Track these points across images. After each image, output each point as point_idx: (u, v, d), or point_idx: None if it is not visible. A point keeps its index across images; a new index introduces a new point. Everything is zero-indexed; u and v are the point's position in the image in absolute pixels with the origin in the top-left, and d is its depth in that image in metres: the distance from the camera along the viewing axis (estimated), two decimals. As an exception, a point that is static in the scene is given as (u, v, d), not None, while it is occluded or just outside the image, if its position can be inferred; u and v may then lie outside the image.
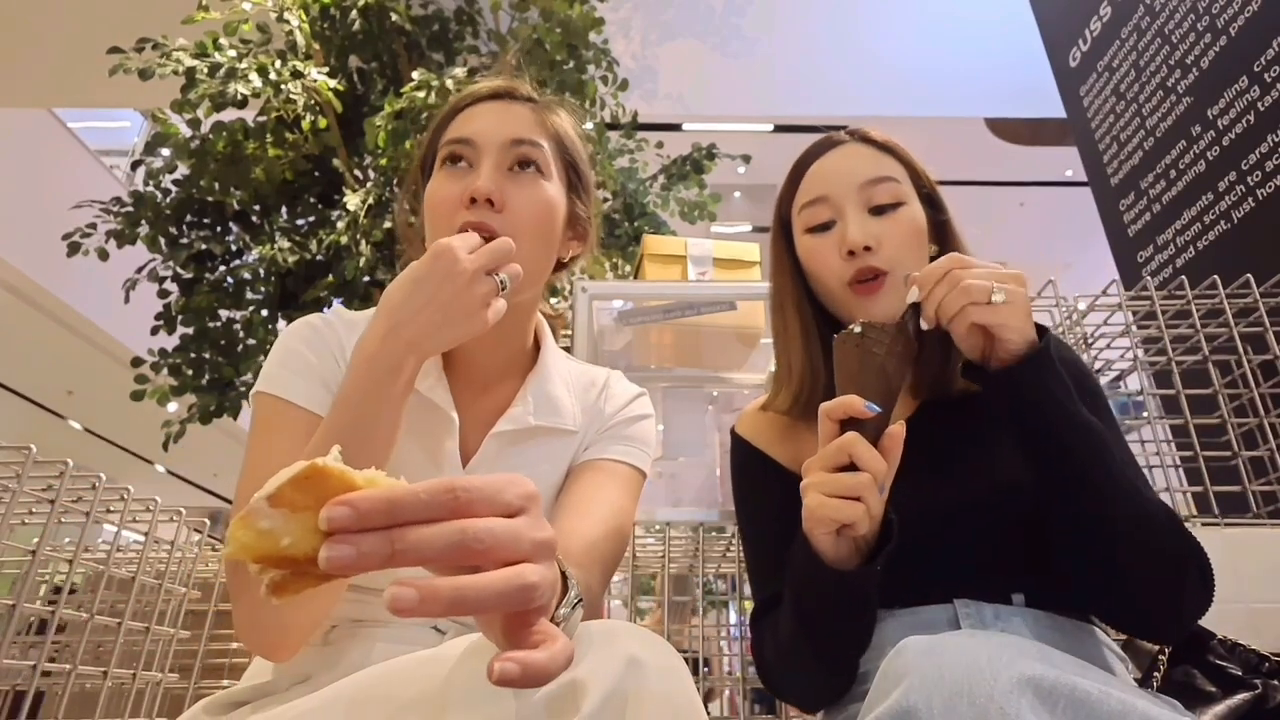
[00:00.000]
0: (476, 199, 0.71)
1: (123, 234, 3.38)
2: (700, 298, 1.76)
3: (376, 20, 3.51)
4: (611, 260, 4.26)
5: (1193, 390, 1.38)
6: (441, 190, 0.74)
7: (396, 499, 0.32)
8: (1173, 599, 0.64)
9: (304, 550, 0.33)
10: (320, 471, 0.33)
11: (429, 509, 0.33)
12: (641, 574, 1.68)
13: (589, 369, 0.88)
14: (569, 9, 3.40)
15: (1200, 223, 2.05)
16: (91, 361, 6.79)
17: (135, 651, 1.44)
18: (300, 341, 0.73)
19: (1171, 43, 2.19)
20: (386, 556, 0.32)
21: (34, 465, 1.14)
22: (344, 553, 0.31)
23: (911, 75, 5.19)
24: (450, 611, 0.32)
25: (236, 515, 0.32)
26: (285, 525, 0.32)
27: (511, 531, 0.35)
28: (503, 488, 0.36)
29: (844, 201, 0.81)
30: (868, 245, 0.78)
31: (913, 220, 0.81)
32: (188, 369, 3.40)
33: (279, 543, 0.32)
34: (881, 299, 0.79)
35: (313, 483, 0.33)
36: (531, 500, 0.38)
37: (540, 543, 0.37)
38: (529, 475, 0.73)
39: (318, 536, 0.32)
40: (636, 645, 0.49)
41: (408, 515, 0.33)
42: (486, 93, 0.79)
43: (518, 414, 0.77)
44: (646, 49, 5.08)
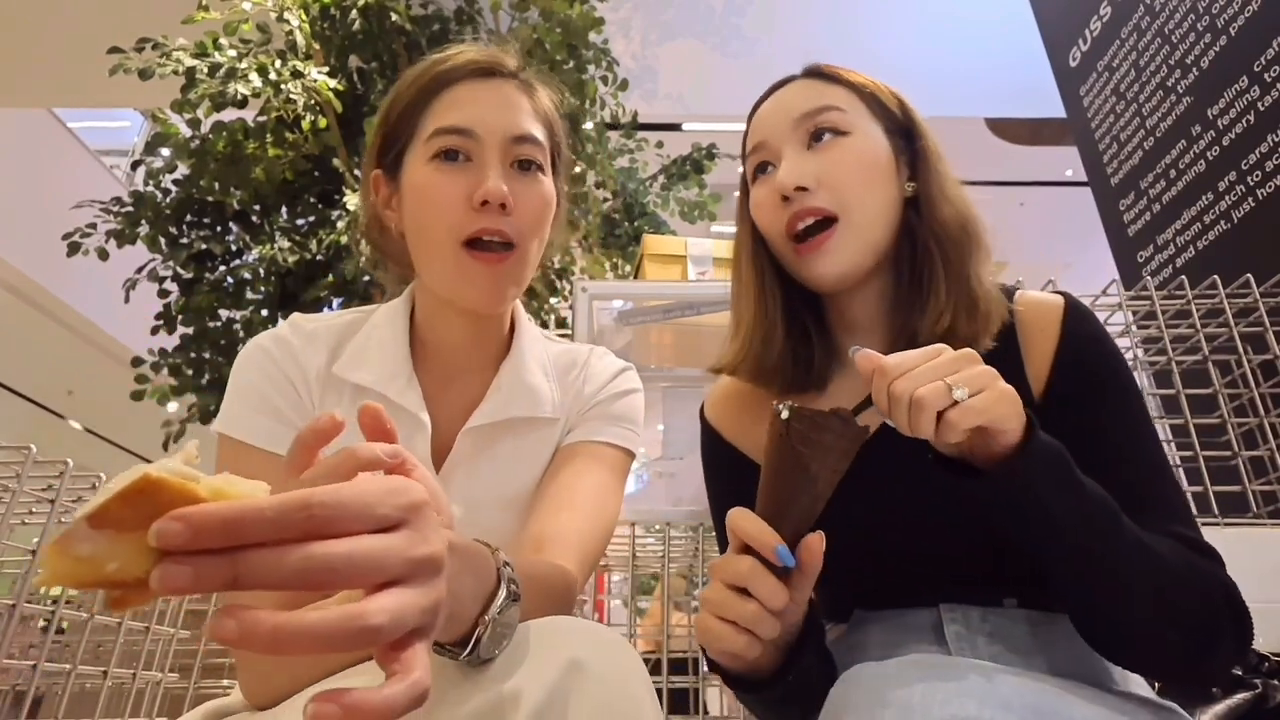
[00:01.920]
0: (489, 202, 0.67)
1: (123, 234, 3.38)
2: (700, 298, 1.76)
3: (376, 20, 3.51)
4: (611, 260, 4.26)
5: (1193, 390, 1.38)
6: (439, 187, 0.68)
7: (238, 516, 0.28)
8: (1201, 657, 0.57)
9: (134, 573, 0.28)
10: (153, 484, 0.28)
11: (277, 528, 0.29)
12: (641, 574, 1.68)
13: (570, 348, 0.82)
14: (569, 9, 3.40)
15: (1200, 223, 2.05)
16: (91, 361, 6.79)
17: (135, 651, 1.44)
18: (254, 372, 0.69)
19: (1171, 43, 2.19)
20: (228, 580, 0.28)
21: (34, 465, 1.14)
22: (178, 574, 0.27)
23: (911, 75, 5.18)
24: (270, 651, 0.28)
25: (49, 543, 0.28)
26: (110, 548, 0.28)
27: (376, 553, 0.31)
28: (376, 500, 0.32)
29: (780, 141, 0.71)
30: (801, 185, 0.67)
31: (860, 151, 0.69)
32: (188, 369, 3.40)
33: (103, 569, 0.28)
34: (828, 257, 0.68)
35: (145, 497, 0.28)
36: (413, 511, 0.34)
37: (418, 561, 0.33)
38: (509, 469, 0.73)
39: (152, 557, 0.28)
40: (579, 646, 0.45)
41: (252, 535, 0.28)
42: (473, 68, 0.72)
43: (492, 406, 0.73)
44: (646, 49, 5.07)
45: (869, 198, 0.69)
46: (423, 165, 0.69)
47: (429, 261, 0.71)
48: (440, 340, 0.75)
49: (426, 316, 0.75)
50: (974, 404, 0.50)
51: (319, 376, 0.71)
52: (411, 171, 0.71)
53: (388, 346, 0.73)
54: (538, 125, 0.73)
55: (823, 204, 0.68)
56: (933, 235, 0.70)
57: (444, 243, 0.68)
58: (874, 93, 0.74)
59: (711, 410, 0.82)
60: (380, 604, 0.31)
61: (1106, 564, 0.54)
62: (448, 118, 0.69)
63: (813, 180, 0.68)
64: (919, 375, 0.52)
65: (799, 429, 0.51)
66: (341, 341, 0.73)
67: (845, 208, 0.68)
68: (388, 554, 0.32)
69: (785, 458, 0.52)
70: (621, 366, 0.82)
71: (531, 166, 0.72)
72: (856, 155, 0.69)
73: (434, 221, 0.68)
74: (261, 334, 0.73)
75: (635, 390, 0.81)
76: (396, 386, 0.71)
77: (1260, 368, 1.40)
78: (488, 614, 0.42)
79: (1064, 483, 0.54)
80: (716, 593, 0.51)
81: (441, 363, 0.75)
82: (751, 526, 0.51)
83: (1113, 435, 0.64)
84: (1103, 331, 0.69)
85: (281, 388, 0.69)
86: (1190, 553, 0.59)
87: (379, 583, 0.32)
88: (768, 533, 0.50)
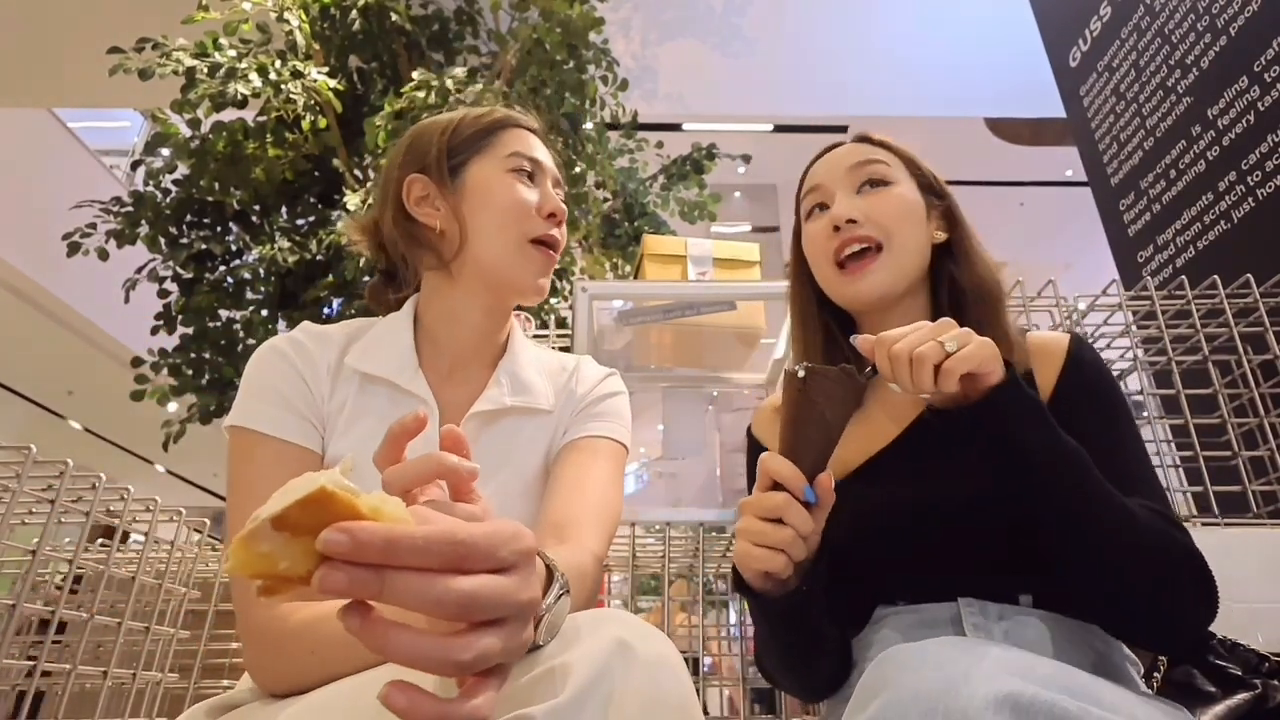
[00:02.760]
0: (556, 215, 0.83)
1: (123, 234, 3.38)
2: (700, 298, 1.76)
3: (376, 20, 3.51)
4: (611, 260, 4.26)
5: (1193, 390, 1.38)
6: (521, 195, 0.82)
7: (395, 539, 0.33)
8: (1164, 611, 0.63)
9: (299, 572, 0.33)
10: (327, 496, 0.33)
11: (425, 556, 0.34)
12: (641, 574, 1.68)
13: (559, 355, 0.93)
14: (569, 9, 3.40)
15: (1200, 223, 2.05)
16: (91, 361, 6.80)
17: (135, 651, 1.44)
18: (268, 371, 0.76)
19: (1171, 43, 2.19)
20: (375, 593, 0.33)
21: (34, 465, 1.14)
22: (337, 580, 0.32)
23: (911, 75, 5.19)
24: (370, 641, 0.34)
25: (239, 533, 0.32)
26: (285, 549, 0.33)
27: (496, 596, 0.36)
28: (501, 543, 0.37)
29: (834, 186, 0.85)
30: (852, 218, 0.81)
31: (902, 196, 0.83)
32: (188, 369, 3.41)
33: (276, 565, 0.33)
34: (869, 277, 0.80)
35: (319, 506, 0.33)
36: (525, 556, 0.39)
37: (522, 604, 0.38)
38: (507, 453, 0.79)
39: (314, 560, 0.33)
40: (626, 631, 0.49)
41: (403, 557, 0.33)
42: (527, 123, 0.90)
43: (494, 395, 0.81)
44: (646, 49, 5.08)
45: (908, 233, 0.82)
46: (501, 174, 0.82)
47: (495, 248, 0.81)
48: (446, 340, 0.83)
49: (442, 311, 0.84)
50: (963, 354, 0.62)
51: (330, 370, 0.78)
52: (484, 177, 0.83)
53: (395, 343, 0.81)
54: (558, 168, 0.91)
55: (868, 231, 0.81)
56: (973, 280, 0.83)
57: (517, 236, 0.81)
58: (911, 158, 0.88)
59: (758, 427, 0.93)
60: (471, 642, 0.36)
61: (1076, 503, 0.63)
62: (522, 148, 0.84)
63: (861, 215, 0.81)
64: (913, 339, 0.63)
65: (815, 384, 0.62)
66: (351, 339, 0.81)
67: (888, 238, 0.81)
68: (504, 597, 0.37)
69: (803, 409, 0.62)
70: (608, 371, 0.91)
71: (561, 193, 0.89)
72: (898, 198, 0.83)
73: (513, 218, 0.81)
74: (275, 338, 0.79)
75: (621, 392, 0.90)
76: (405, 376, 0.78)
77: (1260, 368, 1.40)
78: (543, 609, 0.46)
79: (1038, 421, 0.64)
80: (754, 524, 0.61)
81: (445, 360, 0.83)
82: (785, 468, 0.61)
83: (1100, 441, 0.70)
84: (1102, 362, 0.79)
85: (294, 383, 0.75)
86: (1158, 517, 0.65)
87: (488, 620, 0.37)
88: (798, 473, 0.61)
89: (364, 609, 0.34)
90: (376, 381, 0.78)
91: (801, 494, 0.61)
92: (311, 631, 0.59)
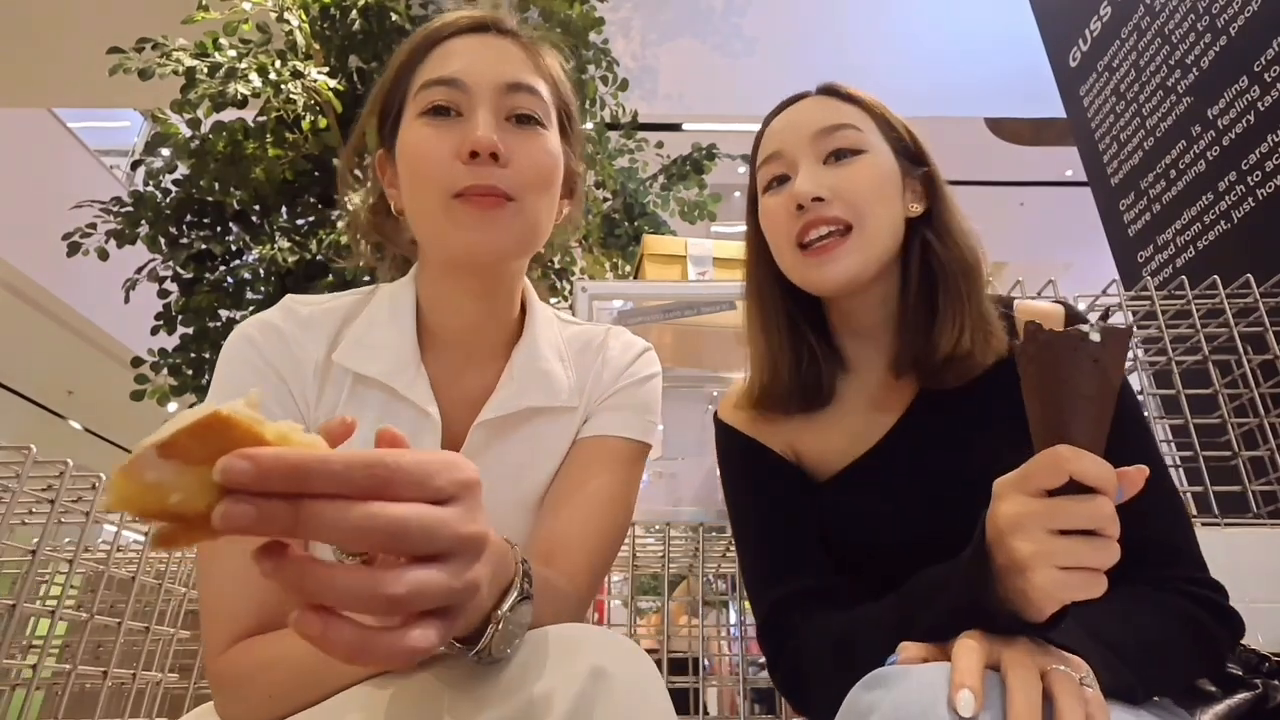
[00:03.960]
0: (479, 152, 0.60)
1: (123, 234, 3.38)
2: (700, 298, 1.76)
3: (376, 20, 3.51)
4: (611, 260, 4.26)
5: (1193, 390, 1.38)
6: (428, 144, 0.62)
7: (307, 464, 0.28)
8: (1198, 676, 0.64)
9: (195, 508, 0.29)
10: (224, 420, 0.28)
11: (342, 483, 0.29)
12: (641, 574, 1.68)
13: (585, 329, 0.77)
14: (569, 9, 3.40)
15: (1200, 223, 2.05)
16: (91, 361, 6.79)
17: (135, 651, 1.44)
18: (240, 365, 0.64)
19: (1171, 43, 2.19)
20: (288, 526, 0.28)
21: (34, 465, 1.14)
22: (243, 512, 0.27)
23: (912, 75, 5.19)
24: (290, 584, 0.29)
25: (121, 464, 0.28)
26: (176, 479, 0.28)
27: (430, 523, 0.31)
28: (435, 471, 0.32)
29: (797, 154, 0.74)
30: (818, 195, 0.70)
31: (875, 167, 0.73)
32: (188, 369, 3.40)
33: (167, 498, 0.28)
34: (837, 262, 0.70)
35: (214, 433, 0.28)
36: (466, 488, 0.34)
37: (464, 538, 0.33)
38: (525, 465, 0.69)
39: (213, 493, 0.28)
40: (601, 655, 0.45)
41: (317, 485, 0.29)
42: (466, 24, 0.68)
43: (505, 396, 0.68)
44: (646, 49, 5.08)
45: (882, 211, 0.72)
46: (411, 125, 0.65)
47: (422, 225, 0.65)
48: (447, 324, 0.69)
49: (432, 298, 0.70)
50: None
51: (317, 368, 0.65)
52: (403, 136, 0.66)
53: (393, 334, 0.67)
54: (537, 78, 0.67)
55: (838, 213, 0.71)
56: (950, 257, 0.74)
57: (435, 198, 0.62)
58: (884, 114, 0.78)
59: (728, 414, 0.83)
60: (407, 576, 0.31)
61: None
62: (435, 71, 0.64)
63: (829, 191, 0.71)
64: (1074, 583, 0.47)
65: (1112, 350, 0.46)
66: (341, 327, 0.68)
67: (860, 219, 0.71)
68: (441, 526, 0.32)
69: (1095, 383, 0.46)
70: (641, 348, 0.77)
71: (530, 120, 0.65)
72: (870, 171, 0.73)
73: (423, 181, 0.63)
74: (249, 320, 0.67)
75: (655, 375, 0.77)
76: (404, 379, 0.65)
77: (1260, 368, 1.40)
78: (500, 610, 0.42)
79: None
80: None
81: (450, 349, 0.70)
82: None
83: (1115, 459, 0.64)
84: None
85: (268, 382, 0.64)
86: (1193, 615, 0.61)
87: (423, 554, 0.32)
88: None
89: (279, 548, 0.29)
90: (371, 385, 0.66)
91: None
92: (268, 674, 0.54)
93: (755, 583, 0.76)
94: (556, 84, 0.71)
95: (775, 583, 0.73)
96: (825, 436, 0.77)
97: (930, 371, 0.72)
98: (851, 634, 0.63)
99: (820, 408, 0.77)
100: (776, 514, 0.76)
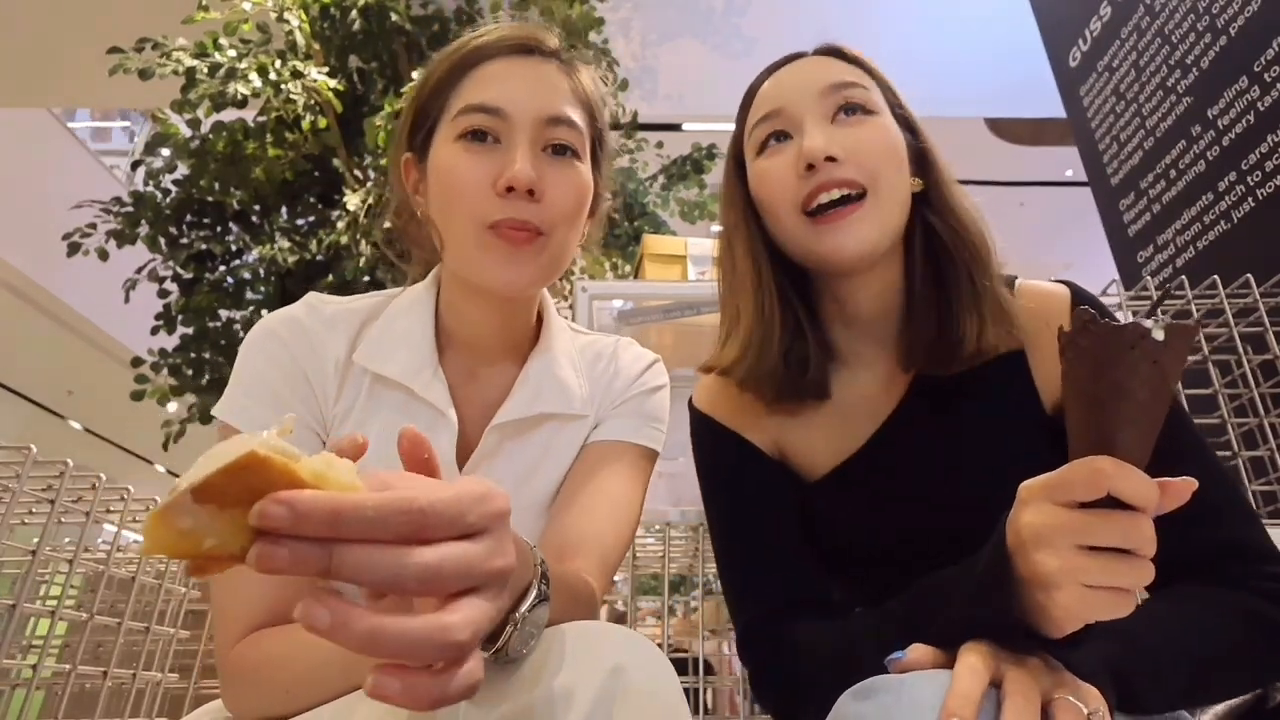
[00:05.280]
0: (515, 189, 0.62)
1: (123, 234, 3.38)
2: (700, 298, 1.76)
3: (376, 20, 3.51)
4: (611, 260, 4.26)
5: (1193, 390, 1.38)
6: (466, 170, 0.63)
7: (342, 511, 0.29)
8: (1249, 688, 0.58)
9: (230, 550, 0.29)
10: (259, 461, 0.28)
11: (375, 527, 0.29)
12: (641, 574, 1.68)
13: (596, 339, 0.80)
14: (569, 9, 3.40)
15: (1200, 223, 2.05)
16: (91, 361, 6.79)
17: (135, 651, 1.44)
18: (263, 361, 0.65)
19: (1171, 43, 2.19)
20: (322, 570, 0.29)
21: (34, 465, 1.14)
22: (278, 555, 0.28)
23: (911, 75, 5.17)
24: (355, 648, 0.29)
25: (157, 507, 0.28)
26: (211, 523, 0.28)
27: (463, 565, 0.32)
28: (467, 508, 0.33)
29: (801, 111, 0.66)
30: (831, 155, 0.62)
31: (887, 130, 0.66)
32: (188, 369, 3.40)
33: (201, 543, 0.28)
34: (852, 230, 0.62)
35: (249, 473, 0.28)
36: (497, 520, 0.34)
37: (496, 572, 0.34)
38: (536, 469, 0.71)
39: (247, 535, 0.28)
40: (619, 653, 0.45)
41: (352, 530, 0.29)
42: (509, 44, 0.68)
43: (520, 402, 0.69)
44: (646, 49, 5.08)
45: (896, 179, 0.65)
46: (449, 145, 0.65)
47: (452, 246, 0.67)
48: (466, 330, 0.71)
49: (452, 304, 0.71)
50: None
51: (338, 366, 0.67)
52: (438, 152, 0.67)
53: (413, 335, 0.68)
54: (576, 109, 0.67)
55: (853, 175, 0.63)
56: (955, 238, 0.67)
57: (470, 225, 0.64)
58: (889, 83, 0.72)
59: (704, 399, 0.76)
60: (463, 617, 0.31)
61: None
62: (477, 95, 0.65)
63: (841, 150, 0.63)
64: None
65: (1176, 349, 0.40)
66: (362, 328, 0.69)
67: (875, 183, 0.64)
68: (472, 565, 0.32)
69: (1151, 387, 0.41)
70: (650, 360, 0.79)
71: (567, 152, 0.66)
72: (884, 134, 0.66)
73: (457, 207, 0.64)
74: (273, 314, 0.67)
75: (664, 386, 0.78)
76: (422, 380, 0.67)
77: (1260, 368, 1.40)
78: (518, 611, 0.43)
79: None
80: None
81: (467, 354, 0.71)
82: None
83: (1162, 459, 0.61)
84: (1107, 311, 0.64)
85: (291, 379, 0.65)
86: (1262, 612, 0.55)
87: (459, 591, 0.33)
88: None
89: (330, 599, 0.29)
90: (390, 384, 0.67)
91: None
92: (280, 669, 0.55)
93: (735, 590, 0.71)
94: (594, 109, 0.71)
95: (758, 592, 0.69)
96: (814, 433, 0.72)
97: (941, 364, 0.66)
98: (851, 644, 0.59)
99: (808, 400, 0.70)
100: (759, 516, 0.70)
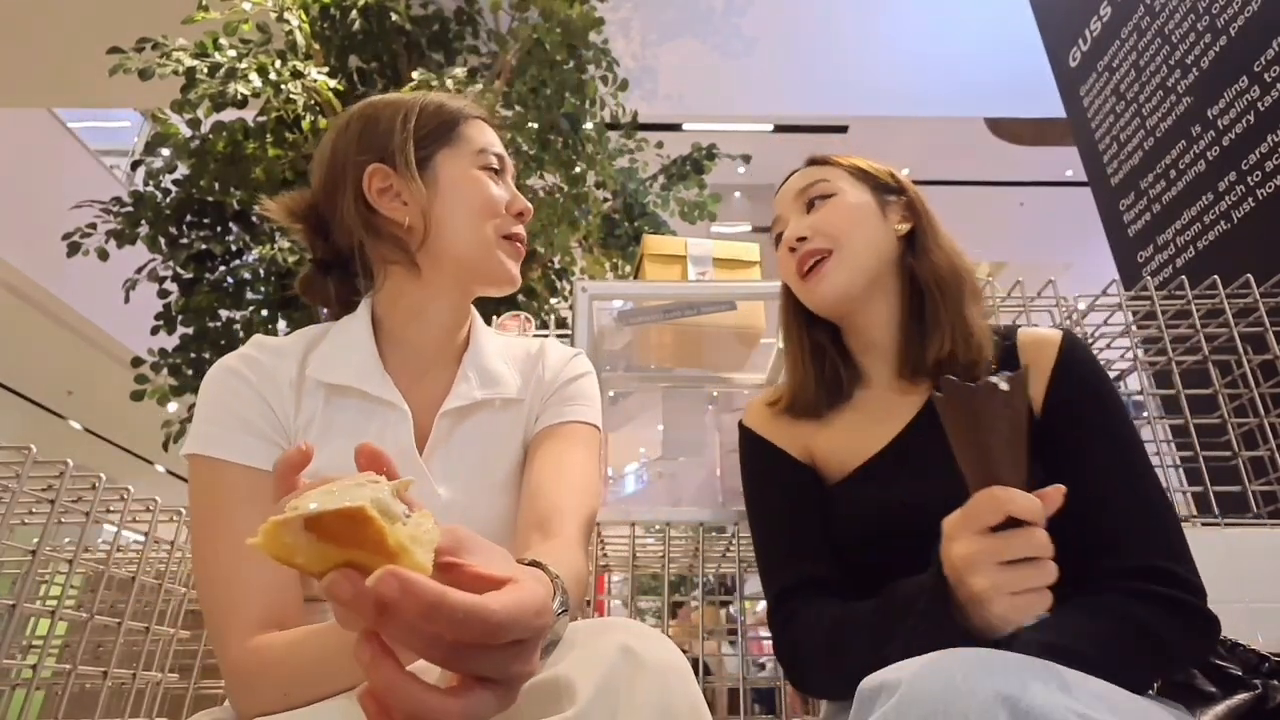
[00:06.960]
0: (524, 215, 0.84)
1: (123, 234, 3.39)
2: (700, 298, 1.76)
3: (376, 20, 3.51)
4: (611, 260, 4.26)
5: (1193, 390, 1.38)
6: (497, 194, 0.83)
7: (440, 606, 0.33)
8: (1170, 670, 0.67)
9: (311, 570, 0.34)
10: (365, 518, 0.33)
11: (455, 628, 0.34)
12: (641, 574, 1.68)
13: (523, 341, 0.93)
14: (569, 9, 3.40)
15: (1200, 223, 2.05)
16: (91, 361, 6.80)
17: (135, 651, 1.44)
18: (224, 393, 0.72)
19: (1171, 43, 2.19)
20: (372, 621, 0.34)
21: (34, 465, 1.14)
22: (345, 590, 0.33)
23: (911, 75, 5.19)
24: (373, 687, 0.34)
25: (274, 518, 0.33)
26: (307, 547, 0.33)
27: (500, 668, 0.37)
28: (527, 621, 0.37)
29: (788, 213, 0.93)
30: (801, 235, 0.88)
31: (844, 202, 0.88)
32: (188, 369, 3.41)
33: (294, 557, 0.34)
34: (825, 280, 0.86)
35: (353, 522, 0.33)
36: (541, 632, 0.39)
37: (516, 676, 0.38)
38: (485, 448, 0.80)
39: (329, 565, 0.34)
40: (630, 637, 0.48)
41: (437, 624, 0.34)
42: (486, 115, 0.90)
43: (463, 391, 0.80)
44: (646, 49, 5.08)
45: (856, 232, 0.86)
46: (471, 171, 0.82)
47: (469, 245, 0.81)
48: (410, 341, 0.82)
49: (403, 318, 0.82)
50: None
51: (292, 384, 0.75)
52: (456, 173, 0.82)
53: (357, 348, 0.78)
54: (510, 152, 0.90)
55: (819, 244, 0.86)
56: (929, 272, 0.85)
57: (491, 233, 0.81)
58: (858, 166, 0.92)
59: (751, 420, 0.95)
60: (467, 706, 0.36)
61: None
62: (489, 144, 0.85)
63: (809, 230, 0.87)
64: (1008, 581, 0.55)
65: (1019, 393, 0.54)
66: (308, 351, 0.79)
67: (836, 243, 0.86)
68: (508, 670, 0.37)
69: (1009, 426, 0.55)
70: (574, 352, 0.92)
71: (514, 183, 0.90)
72: (840, 205, 0.88)
73: (483, 216, 0.81)
74: (225, 357, 0.76)
75: (589, 372, 0.91)
76: (374, 382, 0.76)
77: (1260, 368, 1.40)
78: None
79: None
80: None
81: (409, 362, 0.81)
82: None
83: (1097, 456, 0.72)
84: (1095, 361, 0.80)
85: (254, 404, 0.72)
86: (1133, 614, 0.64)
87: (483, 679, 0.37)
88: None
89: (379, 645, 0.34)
90: (344, 391, 0.76)
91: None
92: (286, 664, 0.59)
93: (767, 568, 0.85)
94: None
95: (784, 567, 0.82)
96: (838, 440, 0.87)
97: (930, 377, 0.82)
98: (840, 629, 0.71)
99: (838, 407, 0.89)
100: (787, 505, 0.85)
